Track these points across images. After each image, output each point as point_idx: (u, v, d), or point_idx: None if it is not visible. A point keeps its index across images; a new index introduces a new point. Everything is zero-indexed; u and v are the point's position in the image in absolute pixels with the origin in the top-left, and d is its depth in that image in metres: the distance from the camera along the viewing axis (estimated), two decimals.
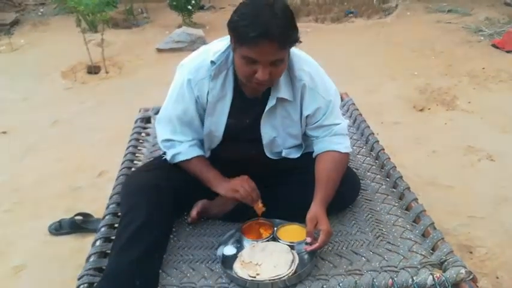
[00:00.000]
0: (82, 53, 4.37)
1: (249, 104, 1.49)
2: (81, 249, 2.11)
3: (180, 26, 5.34)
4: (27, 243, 2.23)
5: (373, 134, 1.97)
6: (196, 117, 1.50)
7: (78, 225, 2.24)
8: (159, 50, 4.83)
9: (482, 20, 5.29)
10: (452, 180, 2.55)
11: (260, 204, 1.46)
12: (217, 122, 1.50)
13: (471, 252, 2.05)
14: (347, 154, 1.52)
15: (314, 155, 1.54)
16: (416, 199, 1.53)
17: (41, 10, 6.46)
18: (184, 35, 4.78)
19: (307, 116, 1.49)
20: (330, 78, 1.54)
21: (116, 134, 3.11)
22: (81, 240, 2.21)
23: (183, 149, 1.50)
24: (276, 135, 1.52)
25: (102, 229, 1.45)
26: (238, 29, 1.26)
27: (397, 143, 2.89)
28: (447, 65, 4.12)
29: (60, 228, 2.25)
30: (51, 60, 4.72)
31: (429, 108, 3.38)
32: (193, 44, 4.78)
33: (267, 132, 1.51)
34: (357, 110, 2.19)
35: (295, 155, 1.59)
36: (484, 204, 2.35)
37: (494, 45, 4.51)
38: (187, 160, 1.50)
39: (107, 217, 1.51)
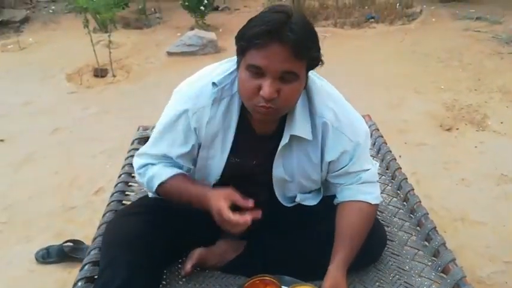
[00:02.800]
0: (90, 54, 4.19)
1: (257, 141, 1.23)
2: (67, 282, 1.93)
3: (192, 28, 5.13)
4: (12, 271, 2.04)
5: (400, 168, 1.71)
6: (181, 158, 1.25)
7: (67, 253, 2.04)
8: (170, 54, 4.61)
9: None
10: (484, 215, 2.28)
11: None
12: (214, 158, 1.24)
13: None
14: (376, 206, 1.27)
15: (336, 202, 1.29)
16: (454, 260, 1.27)
17: (52, 7, 6.30)
18: (195, 38, 4.56)
19: (330, 162, 1.24)
20: (359, 115, 1.28)
21: (119, 145, 2.91)
22: (68, 270, 2.01)
23: (156, 171, 1.25)
24: (291, 179, 1.27)
25: (79, 284, 1.23)
26: (244, 33, 1.04)
27: (422, 168, 2.64)
28: (476, 79, 3.82)
29: (48, 257, 2.05)
30: (58, 61, 4.54)
31: (457, 128, 3.09)
32: (205, 47, 4.56)
33: (279, 175, 1.26)
34: (382, 137, 1.93)
35: (311, 201, 1.34)
36: None
37: None
38: (163, 183, 1.24)
39: (86, 267, 1.28)
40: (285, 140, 1.19)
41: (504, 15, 5.38)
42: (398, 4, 5.82)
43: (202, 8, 5.15)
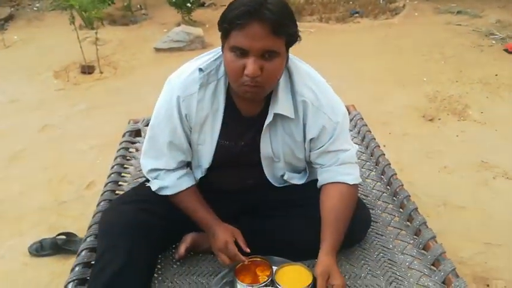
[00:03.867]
0: (77, 51, 4.18)
1: (244, 123, 1.30)
2: (62, 274, 1.94)
3: (179, 24, 5.14)
4: (6, 265, 2.06)
5: (383, 155, 1.78)
6: (185, 141, 1.31)
7: (60, 246, 2.07)
8: (157, 50, 4.63)
9: (494, 23, 5.08)
10: (466, 200, 2.37)
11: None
12: (205, 142, 1.31)
13: (488, 286, 1.87)
14: (356, 186, 1.34)
15: (318, 185, 1.35)
16: (434, 237, 1.35)
17: (37, 5, 6.25)
18: (182, 34, 4.58)
19: (311, 140, 1.30)
20: (338, 97, 1.34)
21: (108, 140, 2.93)
22: (63, 262, 2.04)
23: (170, 182, 1.33)
24: (278, 159, 1.34)
25: (76, 268, 1.28)
26: (226, 16, 1.10)
27: (406, 157, 2.72)
28: (458, 71, 3.92)
29: (41, 249, 2.08)
30: (44, 58, 4.53)
31: (439, 118, 3.19)
32: (192, 43, 4.59)
33: (266, 154, 1.32)
34: (366, 125, 2.00)
35: (298, 180, 1.41)
36: (501, 228, 2.17)
37: (506, 50, 4.31)
38: (172, 196, 1.34)
39: (83, 253, 1.33)
40: (269, 119, 1.26)
41: (484, 9, 5.51)
42: None
43: (188, 4, 5.16)
